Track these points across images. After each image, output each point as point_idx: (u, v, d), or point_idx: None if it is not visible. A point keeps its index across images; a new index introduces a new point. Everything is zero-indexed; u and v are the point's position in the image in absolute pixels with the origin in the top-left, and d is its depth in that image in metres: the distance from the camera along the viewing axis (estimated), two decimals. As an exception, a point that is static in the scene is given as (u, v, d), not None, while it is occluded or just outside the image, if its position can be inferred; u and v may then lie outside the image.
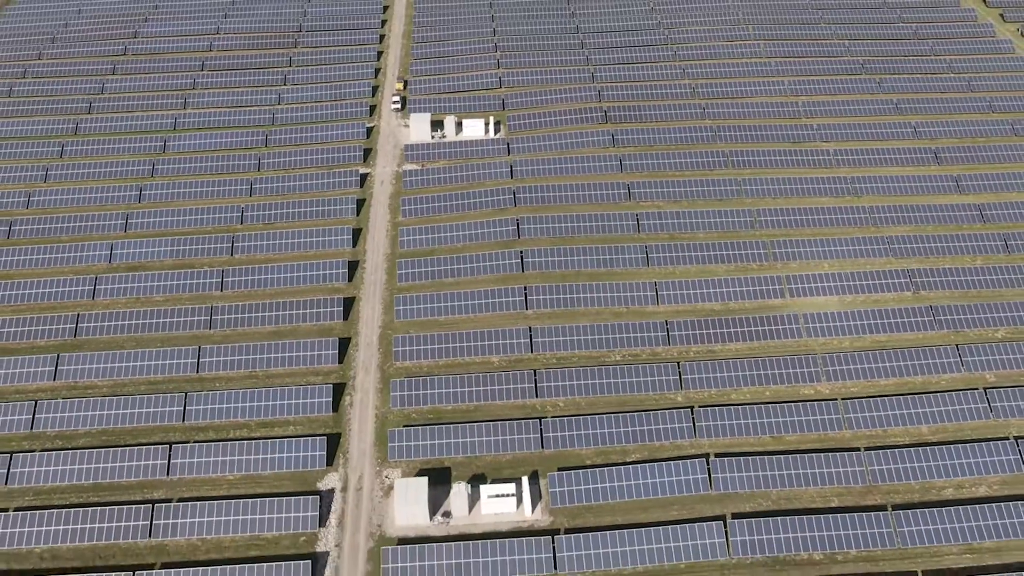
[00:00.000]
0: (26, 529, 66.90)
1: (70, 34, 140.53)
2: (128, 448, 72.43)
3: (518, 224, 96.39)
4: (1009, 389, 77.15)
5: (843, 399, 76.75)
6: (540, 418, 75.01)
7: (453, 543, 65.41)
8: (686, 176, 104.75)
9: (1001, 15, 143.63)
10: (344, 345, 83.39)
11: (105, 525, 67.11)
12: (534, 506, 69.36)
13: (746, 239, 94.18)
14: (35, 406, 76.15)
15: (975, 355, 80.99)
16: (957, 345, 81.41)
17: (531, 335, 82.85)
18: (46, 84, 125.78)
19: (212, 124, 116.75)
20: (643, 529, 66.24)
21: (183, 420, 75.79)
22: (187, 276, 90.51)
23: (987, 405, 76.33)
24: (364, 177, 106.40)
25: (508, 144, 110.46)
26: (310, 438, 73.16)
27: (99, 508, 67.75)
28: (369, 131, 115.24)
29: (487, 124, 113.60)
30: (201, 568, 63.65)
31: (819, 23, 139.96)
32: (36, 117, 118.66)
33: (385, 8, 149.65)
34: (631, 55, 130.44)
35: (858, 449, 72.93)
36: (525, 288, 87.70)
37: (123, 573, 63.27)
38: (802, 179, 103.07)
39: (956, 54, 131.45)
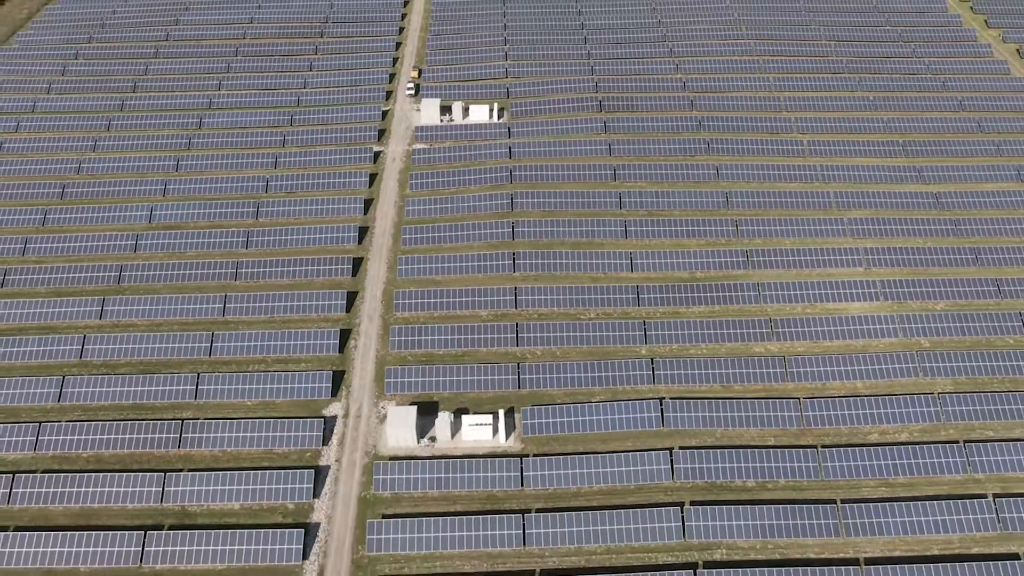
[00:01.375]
0: (75, 437, 78.72)
1: (117, 20, 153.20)
2: (162, 375, 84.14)
3: (512, 198, 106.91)
4: (940, 352, 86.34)
5: (789, 356, 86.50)
6: (519, 363, 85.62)
7: (436, 460, 76.25)
8: (669, 160, 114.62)
9: (985, 21, 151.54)
10: (352, 298, 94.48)
11: (142, 436, 78.73)
12: (508, 435, 79.90)
13: (717, 217, 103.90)
14: (84, 339, 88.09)
15: (914, 323, 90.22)
16: (898, 314, 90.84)
17: (516, 294, 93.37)
18: (96, 65, 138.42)
19: (243, 104, 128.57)
20: (600, 455, 76.64)
21: (210, 355, 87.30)
22: (217, 235, 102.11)
23: (917, 365, 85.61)
24: (377, 154, 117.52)
25: (509, 128, 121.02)
26: (319, 372, 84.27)
27: (137, 422, 79.49)
28: (384, 114, 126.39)
29: (491, 110, 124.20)
30: (222, 472, 75.10)
31: (810, 25, 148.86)
32: (87, 94, 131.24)
33: (405, 3, 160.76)
34: (630, 51, 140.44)
35: (797, 398, 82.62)
36: (514, 253, 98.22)
37: (156, 474, 74.90)
38: (775, 166, 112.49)
39: (936, 56, 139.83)
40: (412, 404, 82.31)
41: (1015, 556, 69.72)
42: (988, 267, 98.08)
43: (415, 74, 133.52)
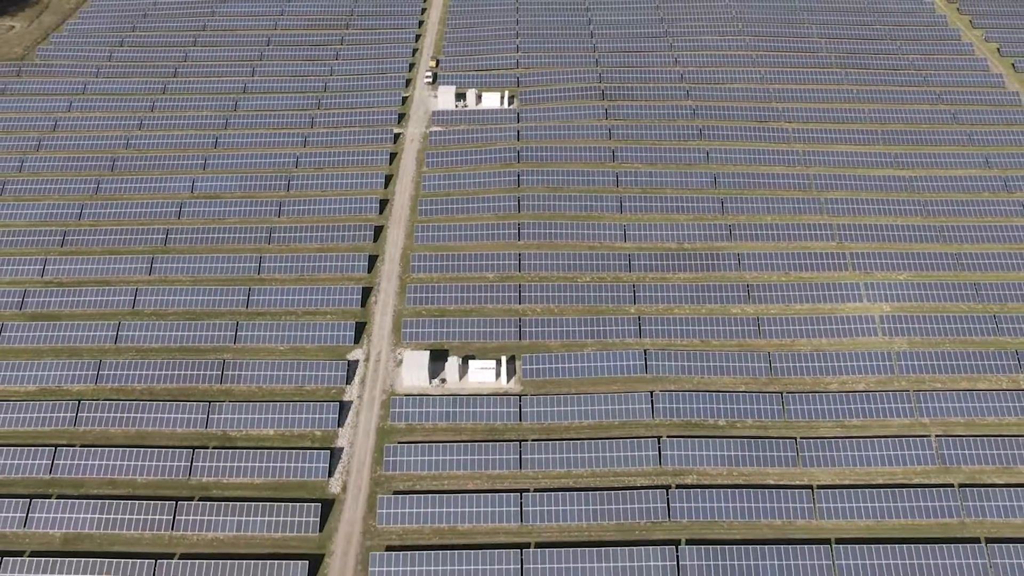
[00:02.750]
0: (131, 372, 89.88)
1: (158, 11, 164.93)
2: (205, 323, 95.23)
3: (519, 176, 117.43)
4: (899, 315, 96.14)
5: (763, 316, 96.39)
6: (520, 318, 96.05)
7: (445, 397, 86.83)
8: (663, 144, 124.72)
9: (971, 22, 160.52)
10: (373, 260, 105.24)
11: (188, 373, 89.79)
12: (509, 378, 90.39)
13: (705, 195, 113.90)
14: (136, 291, 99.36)
15: (878, 290, 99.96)
16: (863, 282, 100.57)
17: (520, 259, 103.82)
18: (139, 52, 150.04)
19: (275, 89, 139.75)
20: (589, 396, 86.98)
21: (247, 307, 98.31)
22: (252, 204, 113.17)
23: (877, 326, 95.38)
24: (397, 136, 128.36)
25: (518, 114, 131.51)
26: (343, 323, 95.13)
27: (183, 361, 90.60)
28: (404, 99, 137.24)
29: (503, 97, 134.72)
30: (259, 403, 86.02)
31: (804, 23, 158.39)
32: (131, 78, 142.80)
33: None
34: (632, 45, 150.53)
35: (767, 352, 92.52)
36: (519, 224, 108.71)
37: (200, 403, 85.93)
38: (761, 151, 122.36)
39: (920, 54, 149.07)
40: (425, 351, 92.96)
41: (950, 485, 79.50)
42: (949, 243, 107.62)
43: (433, 64, 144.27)
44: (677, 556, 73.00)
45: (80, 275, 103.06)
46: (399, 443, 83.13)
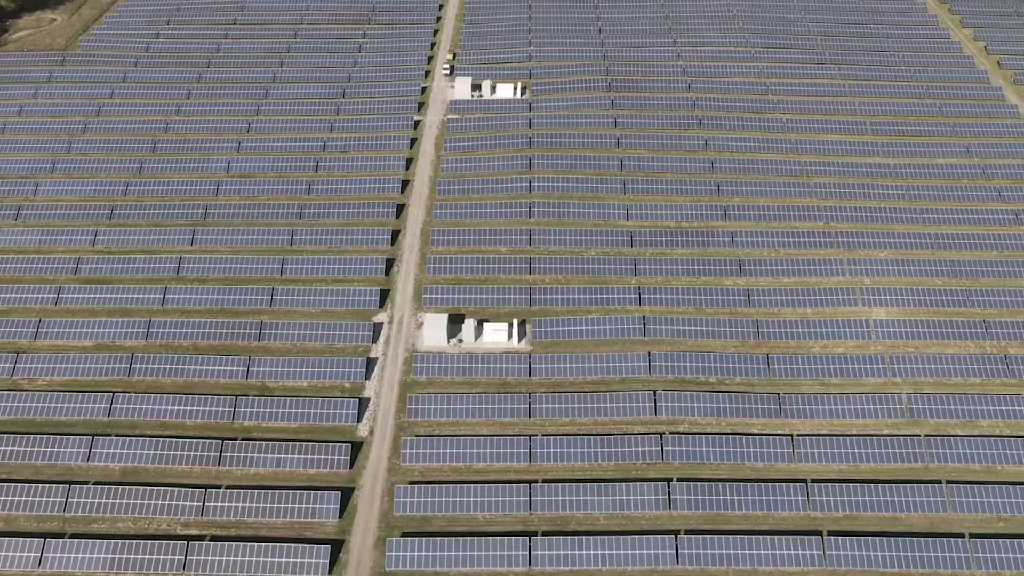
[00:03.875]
0: (177, 330, 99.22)
1: (191, 5, 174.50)
2: (244, 287, 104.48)
3: (530, 160, 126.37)
4: (879, 288, 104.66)
5: (753, 288, 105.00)
6: (530, 287, 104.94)
7: (462, 355, 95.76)
8: (665, 132, 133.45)
9: (960, 21, 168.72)
10: (396, 235, 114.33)
11: (229, 331, 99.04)
12: (520, 339, 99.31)
13: (703, 179, 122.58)
14: (179, 259, 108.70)
15: (859, 265, 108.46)
16: (847, 258, 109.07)
17: (531, 234, 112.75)
18: (175, 44, 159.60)
19: (302, 79, 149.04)
20: (592, 355, 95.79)
21: (281, 274, 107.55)
22: (284, 183, 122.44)
23: (858, 297, 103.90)
24: (417, 123, 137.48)
25: (530, 104, 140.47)
26: (369, 289, 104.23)
27: (225, 321, 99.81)
28: (423, 90, 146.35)
29: (515, 88, 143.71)
30: (293, 358, 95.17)
31: (801, 21, 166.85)
32: (168, 68, 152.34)
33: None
34: (638, 41, 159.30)
35: (756, 319, 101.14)
36: (530, 203, 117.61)
37: (242, 357, 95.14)
38: (755, 139, 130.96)
39: (911, 51, 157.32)
40: (444, 314, 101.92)
41: (917, 435, 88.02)
42: (928, 224, 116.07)
43: (450, 56, 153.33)
44: (669, 491, 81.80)
45: (128, 245, 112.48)
46: (420, 394, 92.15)
